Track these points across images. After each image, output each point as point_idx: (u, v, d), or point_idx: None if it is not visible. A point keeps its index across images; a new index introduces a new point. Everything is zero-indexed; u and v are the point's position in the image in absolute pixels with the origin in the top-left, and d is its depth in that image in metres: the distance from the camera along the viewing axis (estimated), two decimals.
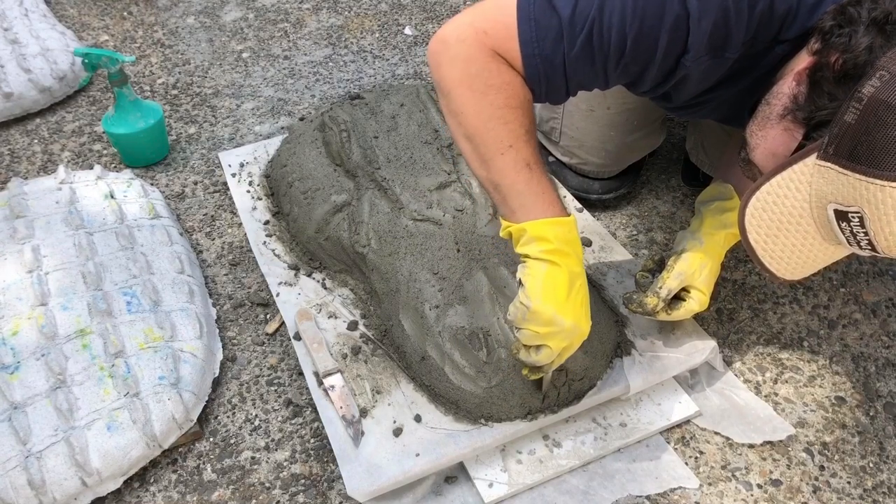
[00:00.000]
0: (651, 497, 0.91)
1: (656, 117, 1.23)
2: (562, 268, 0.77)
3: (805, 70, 0.69)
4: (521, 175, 0.79)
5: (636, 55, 0.74)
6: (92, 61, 1.30)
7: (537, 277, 0.77)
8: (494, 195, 0.82)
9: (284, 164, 1.25)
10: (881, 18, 0.63)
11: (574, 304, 0.78)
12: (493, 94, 0.77)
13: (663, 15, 0.70)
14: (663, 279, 0.95)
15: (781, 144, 0.72)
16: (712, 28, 0.70)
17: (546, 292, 0.77)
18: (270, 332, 1.10)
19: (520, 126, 0.79)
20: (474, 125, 0.79)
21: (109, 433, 0.88)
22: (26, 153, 1.46)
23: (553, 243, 0.77)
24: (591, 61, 0.76)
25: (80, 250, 1.07)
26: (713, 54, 0.73)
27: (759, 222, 0.72)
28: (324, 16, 1.93)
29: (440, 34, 0.80)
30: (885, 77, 0.59)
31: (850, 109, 0.61)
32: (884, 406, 1.03)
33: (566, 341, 0.79)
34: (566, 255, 0.78)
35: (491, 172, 0.80)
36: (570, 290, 0.78)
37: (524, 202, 0.79)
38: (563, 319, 0.77)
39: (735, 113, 0.87)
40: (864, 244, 0.65)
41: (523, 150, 0.79)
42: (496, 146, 0.78)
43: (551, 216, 0.78)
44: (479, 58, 0.77)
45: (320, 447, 0.96)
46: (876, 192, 0.60)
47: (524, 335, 0.80)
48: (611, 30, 0.72)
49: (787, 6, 0.71)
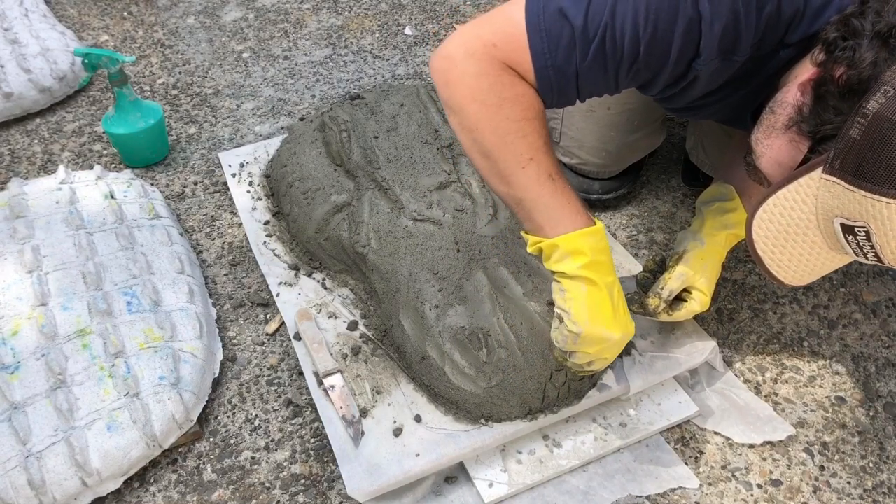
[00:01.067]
0: (651, 497, 0.91)
1: (656, 117, 1.23)
2: (600, 284, 0.77)
3: (809, 81, 0.69)
4: (546, 188, 0.77)
5: (649, 60, 0.73)
6: (92, 61, 1.30)
7: (580, 301, 0.77)
8: (518, 211, 0.81)
9: (284, 164, 1.25)
10: (885, 32, 0.62)
11: (619, 317, 0.79)
12: (508, 108, 0.75)
13: (676, 19, 0.69)
14: (665, 280, 0.95)
15: (787, 155, 0.72)
16: (723, 31, 0.69)
17: (593, 315, 0.77)
18: (270, 332, 1.10)
19: (538, 137, 0.77)
20: (491, 141, 0.77)
21: (109, 433, 0.88)
22: (26, 153, 1.46)
23: (588, 255, 0.77)
24: (603, 69, 0.75)
25: (80, 250, 1.07)
26: (723, 57, 0.73)
27: (766, 233, 0.72)
28: (324, 16, 1.93)
29: (444, 51, 0.77)
30: (890, 93, 0.59)
31: (855, 125, 0.61)
32: (884, 406, 1.03)
33: (618, 349, 0.82)
34: (601, 266, 0.78)
35: (513, 188, 0.78)
36: (612, 304, 0.78)
37: (551, 216, 0.78)
38: (613, 335, 0.78)
39: (737, 115, 0.87)
40: (871, 256, 0.65)
41: (544, 162, 0.77)
42: (516, 160, 0.77)
43: (581, 227, 0.77)
44: (490, 71, 0.75)
45: (320, 447, 0.96)
46: (882, 209, 0.60)
47: (578, 357, 0.81)
48: (623, 36, 0.71)
49: (793, 9, 0.71)
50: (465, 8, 1.95)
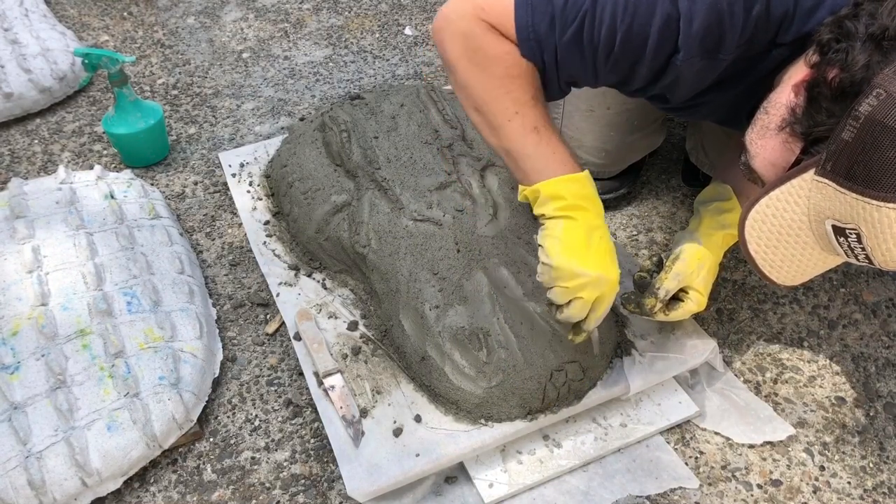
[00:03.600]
0: (651, 497, 0.91)
1: (656, 117, 1.23)
2: (578, 221, 0.80)
3: (802, 83, 0.69)
4: (530, 139, 0.82)
5: (625, 52, 0.76)
6: (92, 61, 1.30)
7: (555, 236, 0.80)
8: (508, 162, 0.86)
9: (284, 164, 1.25)
10: (878, 34, 0.62)
11: (597, 253, 0.80)
12: (492, 66, 0.80)
13: (654, 14, 0.72)
14: (661, 280, 0.95)
15: (780, 156, 0.72)
16: (704, 30, 0.71)
17: (564, 247, 0.79)
18: (270, 332, 1.10)
19: (524, 93, 0.81)
20: (480, 96, 0.83)
21: (109, 433, 0.88)
22: (26, 153, 1.46)
23: (568, 199, 0.80)
24: (580, 54, 0.78)
25: (80, 250, 1.07)
26: (706, 56, 0.74)
27: (758, 234, 0.72)
28: (324, 16, 1.93)
29: (442, 11, 0.83)
30: (882, 96, 0.59)
31: (847, 127, 0.61)
32: (884, 406, 1.03)
33: (597, 291, 0.81)
34: (582, 210, 0.80)
35: (501, 140, 0.84)
36: (590, 241, 0.80)
37: (535, 165, 0.82)
38: (587, 270, 0.79)
39: (733, 115, 0.87)
40: (862, 258, 0.66)
41: (529, 115, 0.81)
42: (503, 114, 0.82)
43: (563, 174, 0.81)
44: (476, 32, 0.80)
45: (320, 447, 0.96)
46: (872, 212, 0.61)
47: (554, 294, 0.82)
48: (602, 24, 0.74)
49: (783, 9, 0.71)
50: None
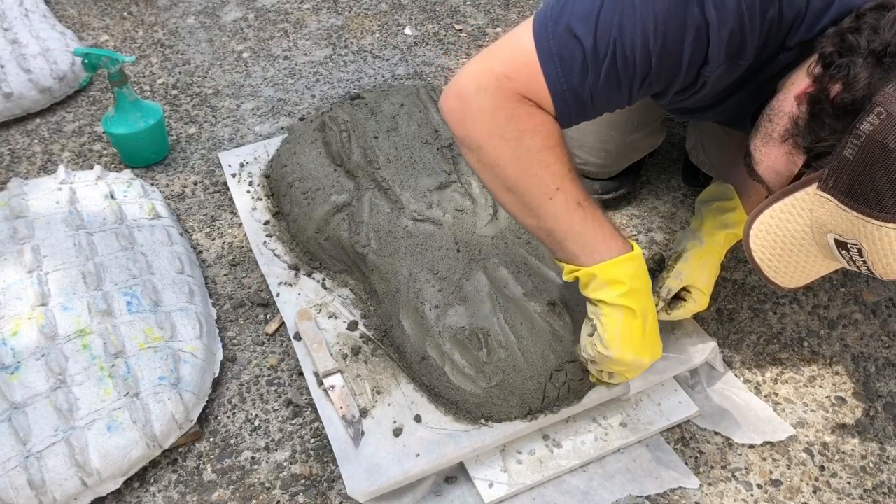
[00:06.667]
0: (651, 497, 0.91)
1: (656, 117, 1.23)
2: (637, 312, 0.79)
3: (805, 94, 0.68)
4: (576, 216, 0.77)
5: (661, 72, 0.72)
6: (92, 61, 1.30)
7: (614, 327, 0.79)
8: (549, 241, 0.80)
9: (284, 164, 1.25)
10: (880, 50, 0.62)
11: (650, 342, 0.82)
12: (528, 139, 0.74)
13: (685, 28, 0.68)
14: (663, 279, 0.95)
15: (784, 166, 0.72)
16: (729, 36, 0.69)
17: (625, 342, 0.79)
18: (270, 332, 1.10)
19: (562, 165, 0.76)
20: (515, 175, 0.76)
21: (109, 433, 0.88)
22: (26, 153, 1.46)
23: (626, 283, 0.78)
24: (617, 86, 0.73)
25: (80, 250, 1.07)
26: (729, 62, 0.72)
27: (763, 243, 0.73)
28: (324, 16, 1.93)
29: (454, 89, 0.76)
30: (883, 115, 0.59)
31: (849, 145, 0.62)
32: (884, 406, 1.03)
33: (642, 371, 0.86)
34: (639, 293, 0.79)
35: (542, 220, 0.78)
36: (644, 330, 0.80)
37: (586, 244, 0.78)
38: (641, 360, 0.81)
39: (737, 117, 0.87)
40: (864, 269, 0.67)
41: (571, 190, 0.76)
42: (543, 192, 0.76)
43: (618, 254, 0.78)
44: (506, 104, 0.73)
45: (320, 447, 0.96)
46: (873, 231, 0.62)
47: (605, 371, 0.85)
48: (634, 50, 0.70)
49: (794, 12, 0.71)
50: (465, 8, 1.94)
